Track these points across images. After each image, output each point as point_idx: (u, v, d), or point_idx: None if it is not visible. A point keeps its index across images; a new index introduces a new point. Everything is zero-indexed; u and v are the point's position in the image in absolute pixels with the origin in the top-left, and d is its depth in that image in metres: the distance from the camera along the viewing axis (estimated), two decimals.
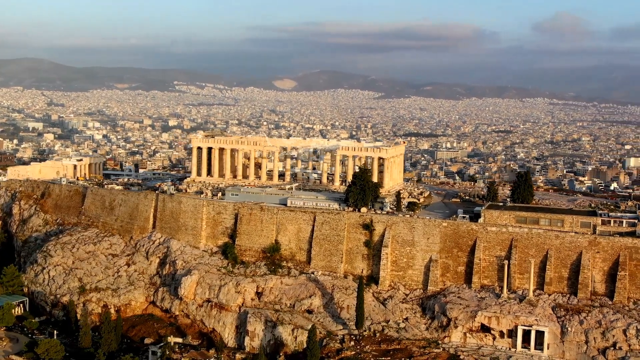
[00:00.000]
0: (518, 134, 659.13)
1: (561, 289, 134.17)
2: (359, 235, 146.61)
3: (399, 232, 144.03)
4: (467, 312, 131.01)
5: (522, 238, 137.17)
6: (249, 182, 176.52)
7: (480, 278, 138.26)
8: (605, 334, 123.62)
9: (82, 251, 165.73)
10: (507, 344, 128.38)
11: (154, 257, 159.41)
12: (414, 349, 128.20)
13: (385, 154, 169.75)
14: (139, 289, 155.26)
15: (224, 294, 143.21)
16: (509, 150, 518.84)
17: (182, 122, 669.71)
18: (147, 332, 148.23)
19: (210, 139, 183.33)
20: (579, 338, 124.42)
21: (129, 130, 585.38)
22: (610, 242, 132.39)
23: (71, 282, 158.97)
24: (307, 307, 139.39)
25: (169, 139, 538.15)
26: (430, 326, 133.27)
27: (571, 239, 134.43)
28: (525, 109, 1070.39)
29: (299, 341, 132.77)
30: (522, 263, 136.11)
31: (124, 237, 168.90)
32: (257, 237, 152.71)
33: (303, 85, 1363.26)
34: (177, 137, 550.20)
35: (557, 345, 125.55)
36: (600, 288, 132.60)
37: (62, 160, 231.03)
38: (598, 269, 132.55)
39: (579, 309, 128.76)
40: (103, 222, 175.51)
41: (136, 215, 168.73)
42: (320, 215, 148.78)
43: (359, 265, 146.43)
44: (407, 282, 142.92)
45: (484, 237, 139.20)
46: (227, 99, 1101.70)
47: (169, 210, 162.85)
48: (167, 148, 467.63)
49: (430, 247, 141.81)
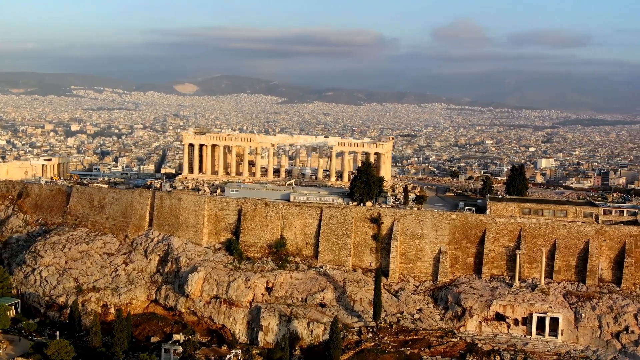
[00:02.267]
0: (422, 137, 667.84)
1: (569, 277, 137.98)
2: (367, 228, 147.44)
3: (407, 225, 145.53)
4: (481, 302, 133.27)
5: (530, 228, 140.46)
6: (244, 179, 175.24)
7: (490, 268, 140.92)
8: (617, 319, 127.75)
9: (74, 251, 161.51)
10: (522, 332, 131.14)
11: (154, 255, 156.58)
12: (432, 339, 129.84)
13: (382, 149, 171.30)
14: (140, 287, 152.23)
15: (233, 290, 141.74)
16: (419, 153, 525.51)
17: (84, 127, 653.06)
18: (151, 330, 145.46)
19: (202, 136, 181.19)
20: (592, 323, 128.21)
21: (32, 136, 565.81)
22: (616, 230, 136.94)
23: (66, 282, 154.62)
24: (319, 301, 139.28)
25: (75, 143, 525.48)
26: (444, 316, 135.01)
27: (578, 229, 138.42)
28: (424, 113, 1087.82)
29: (315, 334, 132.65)
30: (531, 253, 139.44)
31: (117, 235, 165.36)
32: (262, 233, 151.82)
33: (205, 90, 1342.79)
34: (83, 141, 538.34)
35: (571, 331, 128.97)
36: (607, 275, 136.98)
37: (31, 161, 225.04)
38: (605, 257, 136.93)
39: (589, 296, 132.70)
40: (92, 221, 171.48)
41: (130, 213, 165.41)
42: (327, 210, 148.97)
43: (367, 258, 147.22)
44: (416, 274, 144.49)
45: (492, 228, 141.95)
46: (127, 103, 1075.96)
47: (167, 207, 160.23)
48: (76, 153, 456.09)
49: (439, 239, 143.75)
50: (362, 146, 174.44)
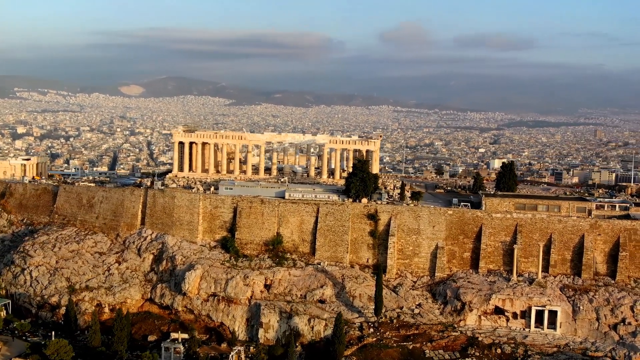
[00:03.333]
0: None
1: (565, 270, 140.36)
2: (364, 225, 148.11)
3: (404, 221, 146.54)
4: (480, 296, 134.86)
5: (526, 223, 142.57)
6: (235, 177, 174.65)
7: (487, 263, 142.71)
8: (614, 311, 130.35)
9: (65, 250, 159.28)
10: (521, 325, 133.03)
11: (148, 254, 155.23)
12: (433, 333, 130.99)
13: (374, 146, 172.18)
14: (134, 286, 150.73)
15: (232, 287, 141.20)
16: None
17: (31, 129, 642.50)
18: (147, 329, 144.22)
19: (192, 134, 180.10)
20: (590, 316, 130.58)
21: None
22: (610, 224, 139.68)
23: (58, 282, 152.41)
24: (319, 297, 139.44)
25: (23, 146, 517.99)
26: (444, 311, 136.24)
27: (573, 223, 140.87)
28: (372, 115, 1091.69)
29: (316, 331, 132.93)
30: (527, 247, 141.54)
31: (108, 234, 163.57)
32: (259, 230, 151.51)
33: (151, 92, 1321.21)
34: (31, 144, 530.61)
35: (569, 324, 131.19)
36: (601, 269, 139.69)
37: (9, 160, 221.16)
38: (599, 251, 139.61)
39: (586, 289, 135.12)
40: (81, 220, 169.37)
41: (122, 211, 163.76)
42: (324, 207, 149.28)
43: (364, 254, 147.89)
44: (413, 269, 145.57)
45: (489, 223, 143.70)
46: (72, 105, 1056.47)
47: (161, 205, 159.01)
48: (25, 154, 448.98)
49: (436, 235, 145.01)
50: (353, 144, 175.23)
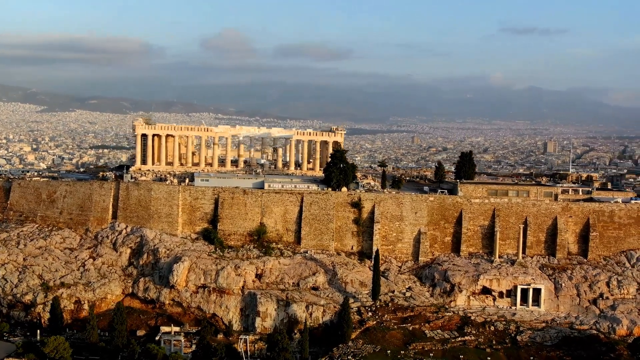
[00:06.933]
0: None
1: (540, 251, 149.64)
2: (348, 213, 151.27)
3: (387, 208, 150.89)
4: (468, 277, 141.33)
5: (503, 208, 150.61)
6: (201, 169, 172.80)
7: (467, 246, 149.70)
8: (592, 287, 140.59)
9: (31, 247, 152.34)
10: (507, 303, 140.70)
11: (125, 248, 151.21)
12: (428, 314, 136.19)
13: (340, 137, 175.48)
14: (114, 281, 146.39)
15: (223, 278, 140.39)
16: None
17: None
18: (134, 324, 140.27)
19: (156, 126, 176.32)
20: (571, 292, 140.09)
21: None
22: (580, 207, 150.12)
23: (29, 279, 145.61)
24: (312, 285, 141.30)
25: None
26: (434, 293, 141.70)
27: (546, 206, 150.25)
28: (192, 122, 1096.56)
29: (315, 317, 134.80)
30: (504, 230, 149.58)
31: (76, 230, 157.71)
32: (242, 221, 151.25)
33: None
34: None
35: (552, 300, 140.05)
36: (573, 248, 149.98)
37: None
38: (571, 232, 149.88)
39: (563, 267, 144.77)
40: (42, 216, 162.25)
41: (89, 206, 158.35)
42: (308, 196, 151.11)
43: (349, 242, 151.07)
44: (397, 254, 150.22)
45: (468, 208, 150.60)
46: None
47: (135, 198, 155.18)
48: None
49: (418, 221, 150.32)
50: (320, 135, 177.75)
